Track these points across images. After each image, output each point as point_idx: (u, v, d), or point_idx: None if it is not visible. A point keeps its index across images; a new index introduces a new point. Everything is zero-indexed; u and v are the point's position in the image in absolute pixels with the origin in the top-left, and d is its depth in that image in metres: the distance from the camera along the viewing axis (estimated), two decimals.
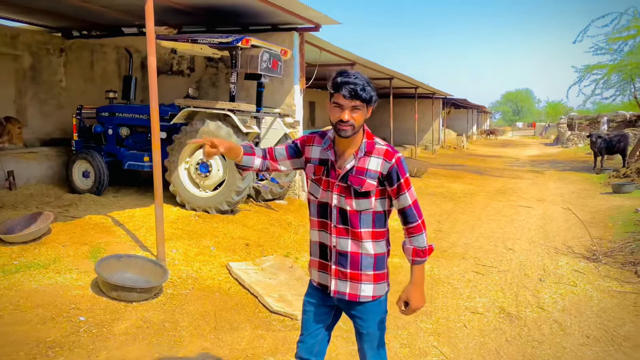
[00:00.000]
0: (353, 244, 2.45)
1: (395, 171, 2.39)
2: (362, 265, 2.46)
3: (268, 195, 8.74)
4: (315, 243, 2.58)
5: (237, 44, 7.35)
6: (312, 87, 22.89)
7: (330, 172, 2.46)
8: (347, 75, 2.30)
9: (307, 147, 2.56)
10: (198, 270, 5.58)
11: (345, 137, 2.34)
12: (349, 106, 2.29)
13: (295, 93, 9.19)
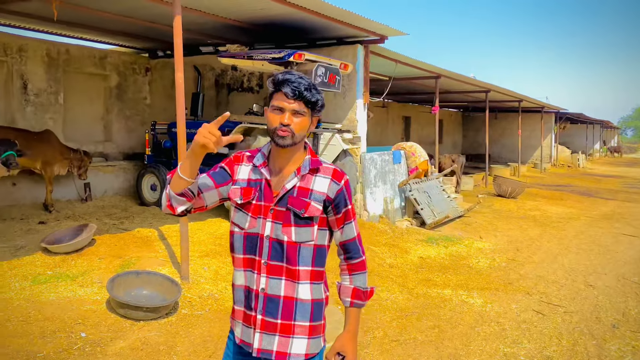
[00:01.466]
0: (287, 286, 1.96)
1: (343, 196, 2.01)
2: (297, 313, 1.97)
3: None
4: (239, 288, 2.05)
5: (289, 58, 7.20)
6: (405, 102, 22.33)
7: (264, 194, 1.99)
8: (290, 73, 1.94)
9: (235, 167, 2.08)
10: (222, 291, 5.42)
11: (283, 145, 1.92)
12: (290, 109, 1.91)
13: (357, 108, 8.83)
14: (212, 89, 10.69)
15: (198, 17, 7.67)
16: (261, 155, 2.06)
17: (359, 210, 8.91)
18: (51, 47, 9.44)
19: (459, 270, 7.01)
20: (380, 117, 20.47)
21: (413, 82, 13.74)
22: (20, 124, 8.91)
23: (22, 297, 4.75)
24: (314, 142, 8.24)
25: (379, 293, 5.82)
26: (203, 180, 2.01)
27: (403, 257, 7.40)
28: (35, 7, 7.45)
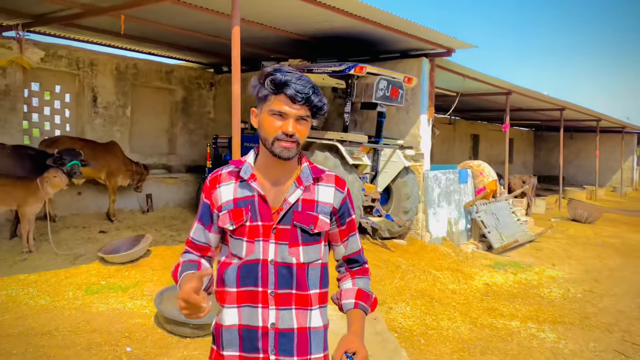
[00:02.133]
0: (299, 315, 1.70)
1: (347, 205, 1.81)
2: (312, 345, 1.72)
3: (386, 233, 8.07)
4: (231, 329, 1.71)
5: (350, 71, 6.99)
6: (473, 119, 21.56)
7: (260, 212, 1.71)
8: (290, 72, 1.66)
9: (214, 193, 1.77)
10: None
11: (287, 158, 1.67)
12: (295, 115, 1.65)
13: (421, 123, 8.46)
14: None
15: (259, 31, 7.63)
16: (248, 167, 1.76)
17: (421, 232, 8.48)
18: (120, 62, 9.74)
19: (529, 300, 6.43)
20: (447, 135, 19.86)
21: (482, 98, 13.15)
22: (89, 135, 9.21)
23: (74, 306, 4.73)
24: (374, 157, 7.96)
25: (439, 322, 5.39)
26: (199, 232, 1.81)
27: (467, 283, 6.91)
28: (105, 22, 7.67)
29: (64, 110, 9.44)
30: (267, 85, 1.66)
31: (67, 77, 9.30)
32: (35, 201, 6.13)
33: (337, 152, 7.12)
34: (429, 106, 8.54)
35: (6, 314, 4.45)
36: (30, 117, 9.00)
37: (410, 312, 5.55)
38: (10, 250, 6.36)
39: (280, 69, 1.67)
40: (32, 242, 6.34)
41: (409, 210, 7.99)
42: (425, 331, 5.12)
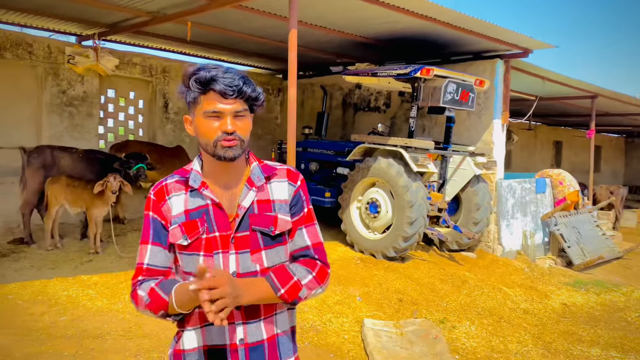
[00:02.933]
0: (267, 324, 1.59)
1: (300, 196, 1.66)
2: (282, 350, 1.62)
3: (454, 245, 7.63)
4: (193, 352, 1.57)
5: (416, 74, 6.66)
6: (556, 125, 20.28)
7: (216, 222, 1.57)
8: (214, 67, 1.51)
9: (164, 206, 1.60)
10: (327, 323, 4.98)
11: (232, 158, 1.53)
12: (231, 111, 1.50)
13: (494, 129, 7.93)
14: (339, 108, 10.48)
15: (322, 35, 7.49)
16: (194, 175, 1.61)
17: (492, 244, 7.95)
18: None
19: (613, 324, 5.79)
20: (527, 141, 18.77)
21: (564, 102, 12.25)
22: (160, 140, 9.47)
23: (128, 310, 4.76)
24: (442, 165, 7.56)
25: (507, 344, 4.94)
26: (158, 255, 1.59)
27: (542, 302, 6.34)
28: (174, 29, 7.84)
29: (137, 115, 9.78)
30: (193, 85, 1.51)
31: (141, 84, 9.63)
32: (101, 204, 6.31)
33: (401, 159, 6.81)
34: (503, 110, 8.00)
35: (64, 315, 4.54)
36: (105, 123, 9.39)
37: (475, 332, 5.14)
38: (79, 250, 6.59)
39: (204, 67, 1.52)
40: (99, 243, 6.53)
41: (480, 221, 7.50)
42: (490, 354, 4.69)
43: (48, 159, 6.72)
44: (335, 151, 8.34)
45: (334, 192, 8.06)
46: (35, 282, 5.25)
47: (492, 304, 5.95)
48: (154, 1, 6.27)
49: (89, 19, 7.55)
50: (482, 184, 7.55)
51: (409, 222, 6.56)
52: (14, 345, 3.92)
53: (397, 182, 6.69)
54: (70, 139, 8.44)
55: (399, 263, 6.83)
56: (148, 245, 1.58)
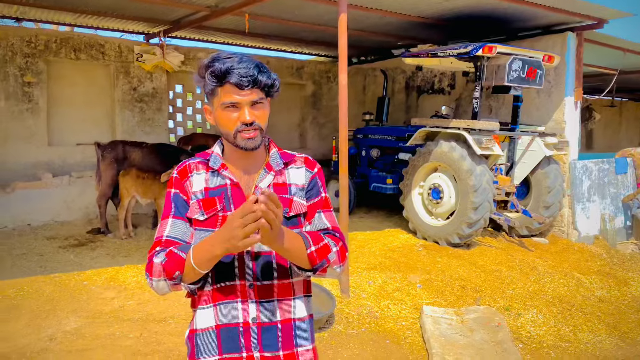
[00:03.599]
0: (282, 307, 1.61)
1: (317, 182, 1.70)
2: (298, 337, 1.63)
3: (524, 230, 7.28)
4: (207, 332, 1.58)
5: (477, 52, 6.39)
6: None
7: (233, 200, 1.59)
8: (228, 58, 1.52)
9: (186, 182, 1.64)
10: (384, 309, 4.93)
11: (254, 148, 1.57)
12: (248, 101, 1.53)
13: (566, 106, 7.45)
14: (401, 92, 10.28)
15: (379, 18, 7.35)
16: (216, 157, 1.66)
17: (566, 229, 7.51)
18: None
19: None
20: (611, 119, 17.54)
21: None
22: None
23: None
24: (510, 147, 7.22)
25: (577, 334, 4.66)
26: (179, 227, 1.59)
27: (620, 289, 5.92)
28: (234, 23, 7.99)
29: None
30: (208, 78, 1.53)
31: None
32: None
33: (464, 142, 6.57)
34: (575, 87, 7.50)
35: (132, 300, 4.80)
36: (175, 117, 9.77)
37: (542, 320, 4.88)
38: (150, 239, 6.93)
39: (218, 57, 1.53)
40: None
41: (551, 205, 7.10)
42: (557, 343, 4.45)
43: (120, 153, 7.11)
44: (396, 136, 8.20)
45: (395, 179, 7.94)
46: (108, 269, 5.59)
47: (562, 292, 5.63)
48: None
49: (154, 17, 7.86)
50: (554, 165, 7.14)
51: (473, 207, 6.34)
52: (85, 327, 4.20)
53: (460, 166, 6.47)
54: (142, 134, 8.87)
55: (463, 250, 6.62)
56: (169, 219, 1.61)
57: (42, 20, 8.32)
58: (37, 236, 6.94)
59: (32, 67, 7.98)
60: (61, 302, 4.68)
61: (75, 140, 8.48)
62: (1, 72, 7.75)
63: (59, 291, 4.95)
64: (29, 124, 8.01)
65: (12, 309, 4.51)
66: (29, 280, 5.18)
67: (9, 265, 5.70)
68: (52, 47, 8.13)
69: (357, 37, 8.83)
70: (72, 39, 8.31)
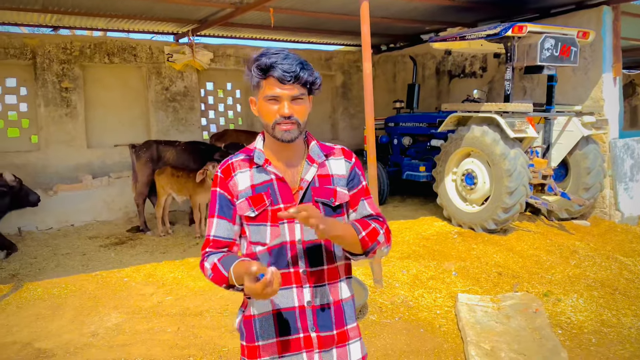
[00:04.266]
0: (332, 289, 1.75)
1: (356, 172, 1.82)
2: (347, 315, 1.78)
3: (563, 213, 7.07)
4: (265, 317, 1.71)
5: (507, 33, 6.22)
6: None
7: (280, 194, 1.70)
8: (275, 53, 1.63)
9: (230, 182, 1.74)
10: (418, 298, 4.90)
11: (290, 140, 1.68)
12: (288, 96, 1.63)
13: (604, 84, 7.16)
14: (432, 78, 10.11)
15: (405, 4, 7.24)
16: (258, 153, 1.75)
17: (608, 210, 7.25)
18: None
19: None
20: None
21: None
22: (258, 127, 9.82)
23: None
24: (546, 128, 7.02)
25: (621, 318, 4.51)
26: (224, 227, 1.74)
27: None
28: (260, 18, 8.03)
29: (235, 105, 10.21)
30: (254, 71, 1.64)
31: (236, 74, 10.02)
32: (203, 191, 6.71)
33: (496, 126, 6.43)
34: (614, 62, 7.20)
35: (169, 295, 4.93)
36: (207, 114, 9.92)
37: (583, 305, 4.75)
38: (187, 235, 7.09)
39: (266, 52, 1.64)
40: (204, 228, 6.96)
41: (591, 186, 6.87)
42: (599, 328, 4.32)
43: (154, 153, 7.28)
44: (428, 123, 8.09)
45: (428, 166, 7.85)
46: (147, 266, 5.76)
47: (605, 275, 5.45)
48: None
49: (182, 17, 7.99)
50: (593, 145, 6.90)
51: (509, 192, 6.19)
52: (126, 322, 4.35)
53: (493, 151, 6.33)
54: (176, 133, 9.06)
55: (500, 235, 6.49)
56: (214, 219, 1.75)
57: (76, 27, 8.57)
58: (80, 236, 7.21)
59: (69, 73, 8.25)
60: (103, 299, 4.86)
61: (112, 141, 8.74)
62: (40, 79, 8.05)
63: (101, 288, 5.14)
64: (69, 128, 8.30)
65: (57, 306, 4.71)
66: (72, 278, 5.40)
67: (54, 265, 5.95)
68: (87, 52, 8.39)
69: (384, 24, 8.72)
70: (105, 43, 8.54)
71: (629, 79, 13.53)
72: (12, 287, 5.19)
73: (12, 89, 8.16)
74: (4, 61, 7.85)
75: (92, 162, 8.51)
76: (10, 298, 4.92)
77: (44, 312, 4.60)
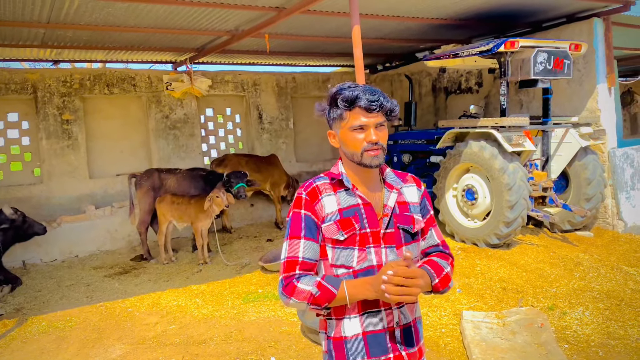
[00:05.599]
0: (409, 309, 1.86)
1: (425, 201, 1.94)
2: (420, 333, 1.91)
3: (566, 225, 7.06)
4: (356, 339, 1.79)
5: (499, 49, 6.28)
6: None
7: (367, 219, 1.79)
8: (353, 87, 1.77)
9: (317, 205, 1.81)
10: (423, 317, 4.87)
11: (377, 165, 1.78)
12: (374, 123, 1.75)
13: (599, 94, 7.20)
14: (429, 95, 10.19)
15: (397, 24, 7.35)
16: (344, 177, 1.83)
17: (611, 220, 7.23)
18: (280, 78, 10.29)
19: None
20: None
21: None
22: (258, 150, 9.90)
23: (230, 315, 5.04)
24: (544, 140, 7.04)
25: (628, 329, 4.48)
26: (312, 248, 1.79)
27: None
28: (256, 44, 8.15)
29: (235, 129, 10.30)
30: (340, 103, 1.75)
31: (235, 99, 10.13)
32: (204, 217, 6.74)
33: (494, 140, 6.46)
34: (607, 73, 7.25)
35: (173, 324, 4.92)
36: (208, 140, 10.00)
37: (589, 318, 4.72)
38: (190, 262, 7.10)
39: (345, 87, 1.77)
40: (207, 254, 6.98)
41: (592, 197, 6.87)
42: (606, 341, 4.29)
43: (156, 181, 7.33)
44: (426, 140, 8.13)
45: (429, 183, 7.86)
46: (151, 295, 5.76)
47: (610, 286, 5.42)
48: (229, 20, 6.57)
49: (180, 46, 8.11)
50: (591, 156, 6.91)
51: (509, 206, 6.20)
52: (130, 354, 4.34)
53: (492, 165, 6.35)
54: (178, 159, 9.13)
55: (503, 250, 6.48)
56: (301, 240, 1.78)
57: (76, 60, 8.70)
58: (84, 267, 7.23)
59: (70, 105, 8.36)
60: (107, 331, 4.86)
61: (114, 171, 8.82)
62: (41, 113, 8.16)
63: (105, 319, 5.14)
64: (71, 159, 8.38)
65: (61, 340, 4.71)
66: (76, 310, 5.40)
67: (59, 297, 5.96)
68: (87, 84, 8.51)
69: (379, 44, 8.84)
70: (104, 74, 8.67)
71: (627, 88, 13.58)
72: (17, 321, 5.19)
73: (14, 123, 8.26)
74: (5, 96, 7.97)
75: (95, 192, 8.57)
76: (15, 333, 4.93)
77: (49, 346, 4.60)
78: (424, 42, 9.04)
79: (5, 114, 8.16)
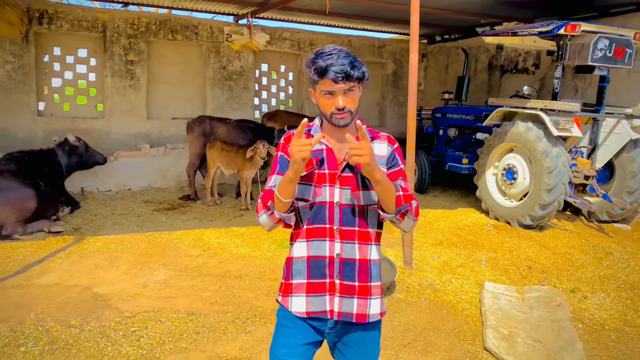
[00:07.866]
0: (360, 249, 2.04)
1: (396, 155, 2.08)
2: (372, 275, 2.07)
3: (604, 215, 7.06)
4: (300, 260, 2.05)
5: (559, 31, 6.23)
6: None
7: (328, 162, 2.02)
8: (328, 55, 1.92)
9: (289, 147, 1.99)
10: (445, 283, 5.11)
11: (343, 126, 1.99)
12: (341, 90, 1.93)
13: None
14: (484, 71, 10.11)
15: None
16: (316, 128, 2.09)
17: None
18: (336, 39, 10.40)
19: None
20: None
21: None
22: (307, 111, 10.15)
23: (265, 257, 5.42)
24: (593, 129, 6.99)
25: None
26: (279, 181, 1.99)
27: None
28: (317, 3, 8.28)
29: (288, 87, 10.55)
30: (312, 73, 1.94)
31: (290, 57, 10.34)
32: (250, 167, 7.09)
33: (541, 123, 6.47)
34: None
35: (213, 258, 5.34)
36: (260, 94, 10.31)
37: (609, 304, 4.84)
38: (233, 207, 7.51)
39: (322, 54, 1.92)
40: (249, 201, 7.37)
41: (635, 190, 6.83)
42: (621, 327, 4.42)
43: (207, 128, 7.72)
44: (474, 116, 8.16)
45: (471, 159, 7.94)
46: (195, 231, 6.20)
47: (636, 278, 5.47)
48: None
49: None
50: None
51: (547, 189, 6.26)
52: (172, 278, 4.78)
53: (536, 147, 6.39)
54: (230, 110, 9.49)
55: (535, 232, 6.58)
56: (274, 175, 2.05)
57: (144, 4, 9.09)
58: (135, 199, 7.77)
59: (135, 47, 8.79)
60: (154, 256, 5.33)
61: (171, 114, 9.27)
62: (108, 52, 8.63)
63: (152, 247, 5.61)
64: (131, 98, 8.87)
65: (114, 259, 5.21)
66: (128, 236, 5.91)
67: (112, 223, 6.49)
68: (152, 28, 8.89)
69: (439, 15, 8.80)
70: (169, 20, 9.02)
71: None
72: (75, 239, 5.74)
73: (83, 59, 8.78)
74: (77, 33, 8.45)
75: (151, 132, 9.07)
76: (74, 248, 5.47)
77: (102, 262, 5.11)
78: (485, 17, 8.94)
79: (76, 50, 8.67)
